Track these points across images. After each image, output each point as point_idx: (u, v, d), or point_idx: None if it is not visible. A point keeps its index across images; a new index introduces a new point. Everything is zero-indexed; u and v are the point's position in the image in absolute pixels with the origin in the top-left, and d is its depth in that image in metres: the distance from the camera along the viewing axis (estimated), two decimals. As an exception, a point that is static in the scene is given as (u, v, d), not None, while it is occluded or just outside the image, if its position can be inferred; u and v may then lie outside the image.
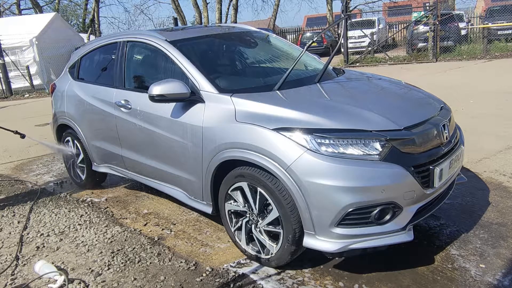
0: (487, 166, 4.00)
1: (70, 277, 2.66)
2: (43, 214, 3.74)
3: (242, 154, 2.46)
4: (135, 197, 4.00)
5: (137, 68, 3.63)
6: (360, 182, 2.16)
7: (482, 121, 5.59)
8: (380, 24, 21.29)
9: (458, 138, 2.80)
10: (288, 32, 27.80)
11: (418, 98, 2.94)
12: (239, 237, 2.73)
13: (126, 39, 3.60)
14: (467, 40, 15.17)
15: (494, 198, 3.34)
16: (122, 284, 2.56)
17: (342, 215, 2.18)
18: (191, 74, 2.89)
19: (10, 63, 14.39)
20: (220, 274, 2.58)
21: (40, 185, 4.56)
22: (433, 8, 13.23)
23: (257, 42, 3.80)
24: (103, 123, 3.67)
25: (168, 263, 2.75)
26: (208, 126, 2.67)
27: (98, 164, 4.00)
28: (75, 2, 31.31)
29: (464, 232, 2.86)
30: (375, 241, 2.25)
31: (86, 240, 3.17)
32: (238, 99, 2.62)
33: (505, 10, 14.97)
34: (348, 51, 15.38)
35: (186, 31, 3.66)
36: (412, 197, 2.24)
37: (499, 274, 2.38)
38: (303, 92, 2.79)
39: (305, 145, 2.23)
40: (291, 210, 2.31)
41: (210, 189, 2.78)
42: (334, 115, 2.40)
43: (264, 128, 2.37)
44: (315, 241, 2.29)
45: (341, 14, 18.11)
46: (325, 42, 20.68)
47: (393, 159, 2.21)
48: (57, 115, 4.32)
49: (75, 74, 4.22)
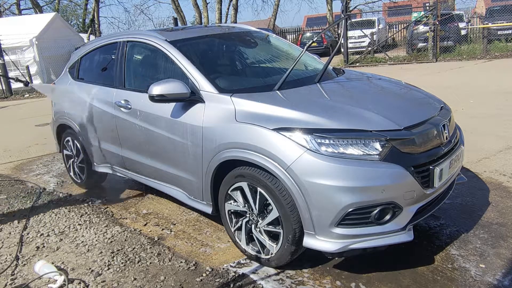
0: (487, 166, 4.00)
1: (70, 277, 2.66)
2: (43, 214, 3.74)
3: (242, 154, 2.46)
4: (135, 197, 4.00)
5: (137, 68, 3.63)
6: (360, 182, 2.16)
7: (482, 121, 5.59)
8: (380, 24, 21.29)
9: (458, 138, 2.80)
10: (288, 32, 27.80)
11: (418, 98, 2.94)
12: (239, 237, 2.73)
13: (126, 39, 3.60)
14: (467, 40, 15.17)
15: (494, 198, 3.34)
16: (122, 284, 2.56)
17: (342, 215, 2.18)
18: (191, 74, 2.89)
19: (10, 63, 14.40)
20: (220, 274, 2.58)
21: (40, 185, 4.56)
22: (433, 8, 13.23)
23: (257, 42, 3.80)
24: (103, 123, 3.67)
25: (168, 263, 2.75)
26: (208, 126, 2.67)
27: (98, 164, 4.00)
28: (75, 2, 31.33)
29: (464, 232, 2.86)
30: (375, 241, 2.24)
31: (86, 240, 3.17)
32: (238, 99, 2.62)
33: (505, 10, 14.97)
34: (348, 51, 15.38)
35: (186, 31, 3.66)
36: (412, 197, 2.24)
37: (499, 274, 2.38)
38: (303, 92, 2.79)
39: (305, 145, 2.23)
40: (291, 210, 2.31)
41: (210, 189, 2.78)
42: (334, 115, 2.40)
43: (264, 128, 2.37)
44: (315, 241, 2.29)
45: (341, 14, 18.11)
46: (325, 42, 20.69)
47: (393, 159, 2.21)
48: (57, 115, 4.32)
49: (75, 74, 4.22)
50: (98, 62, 4.08)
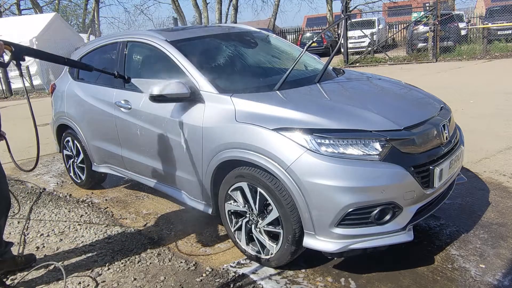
0: (487, 166, 4.00)
1: (70, 277, 2.66)
2: (43, 214, 3.74)
3: (242, 154, 2.46)
4: (135, 197, 4.00)
5: (137, 68, 3.63)
6: (360, 182, 2.16)
7: (482, 121, 5.59)
8: (380, 24, 21.29)
9: (458, 138, 2.80)
10: (288, 32, 27.79)
11: (418, 98, 2.94)
12: (239, 237, 2.73)
13: (126, 39, 3.59)
14: (467, 40, 15.17)
15: (494, 198, 3.34)
16: (122, 284, 2.56)
17: (342, 215, 2.18)
18: (191, 74, 2.89)
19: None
20: (220, 274, 2.58)
21: (40, 185, 4.56)
22: (433, 8, 13.23)
23: (257, 42, 3.80)
24: (103, 123, 3.67)
25: (168, 263, 2.75)
26: (208, 126, 2.67)
27: (98, 164, 4.00)
28: (75, 2, 31.33)
29: (464, 232, 2.85)
30: (375, 241, 2.24)
31: (86, 240, 3.17)
32: (238, 99, 2.62)
33: (505, 10, 14.97)
34: (348, 51, 15.38)
35: (186, 31, 3.66)
36: (412, 197, 2.24)
37: (499, 274, 2.38)
38: (303, 92, 2.79)
39: (305, 145, 2.23)
40: (291, 210, 2.31)
41: (210, 189, 2.78)
42: (334, 115, 2.40)
43: (264, 128, 2.37)
44: (315, 241, 2.29)
45: (341, 14, 18.10)
46: (325, 42, 20.68)
47: (393, 159, 2.21)
48: (57, 115, 4.32)
49: (75, 74, 4.22)
50: (98, 62, 4.07)
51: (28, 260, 2.81)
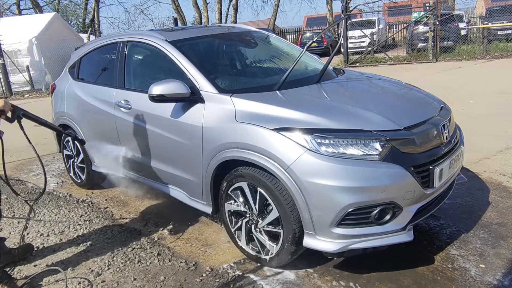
0: (487, 166, 4.00)
1: (70, 277, 2.66)
2: (43, 214, 3.74)
3: (242, 154, 2.46)
4: (135, 197, 4.00)
5: (137, 68, 3.63)
6: (360, 182, 2.16)
7: (482, 121, 5.59)
8: (380, 24, 21.28)
9: (458, 138, 2.80)
10: (288, 32, 27.79)
11: (418, 98, 2.94)
12: (239, 237, 2.73)
13: (126, 39, 3.59)
14: (467, 40, 15.17)
15: (494, 198, 3.34)
16: (122, 284, 2.56)
17: (342, 215, 2.18)
18: (191, 74, 2.89)
19: (9, 63, 14.40)
20: (220, 274, 2.58)
21: (40, 185, 4.56)
22: (433, 8, 13.23)
23: (257, 42, 3.80)
24: (103, 123, 3.67)
25: (168, 263, 2.75)
26: (208, 126, 2.67)
27: (98, 164, 4.00)
28: (75, 2, 31.31)
29: (464, 232, 2.86)
30: (375, 241, 2.25)
31: (86, 240, 3.17)
32: (238, 99, 2.62)
33: (505, 10, 14.97)
34: (348, 51, 15.37)
35: (186, 31, 3.66)
36: (412, 197, 2.24)
37: (499, 274, 2.38)
38: (303, 92, 2.79)
39: (305, 145, 2.23)
40: (291, 210, 2.31)
41: (210, 189, 2.78)
42: (334, 115, 2.40)
43: (264, 128, 2.37)
44: (315, 241, 2.29)
45: (341, 14, 18.10)
46: (325, 42, 20.67)
47: (393, 159, 2.21)
48: (57, 115, 4.32)
49: (75, 74, 4.22)
50: (98, 62, 4.07)
51: (25, 251, 2.85)
